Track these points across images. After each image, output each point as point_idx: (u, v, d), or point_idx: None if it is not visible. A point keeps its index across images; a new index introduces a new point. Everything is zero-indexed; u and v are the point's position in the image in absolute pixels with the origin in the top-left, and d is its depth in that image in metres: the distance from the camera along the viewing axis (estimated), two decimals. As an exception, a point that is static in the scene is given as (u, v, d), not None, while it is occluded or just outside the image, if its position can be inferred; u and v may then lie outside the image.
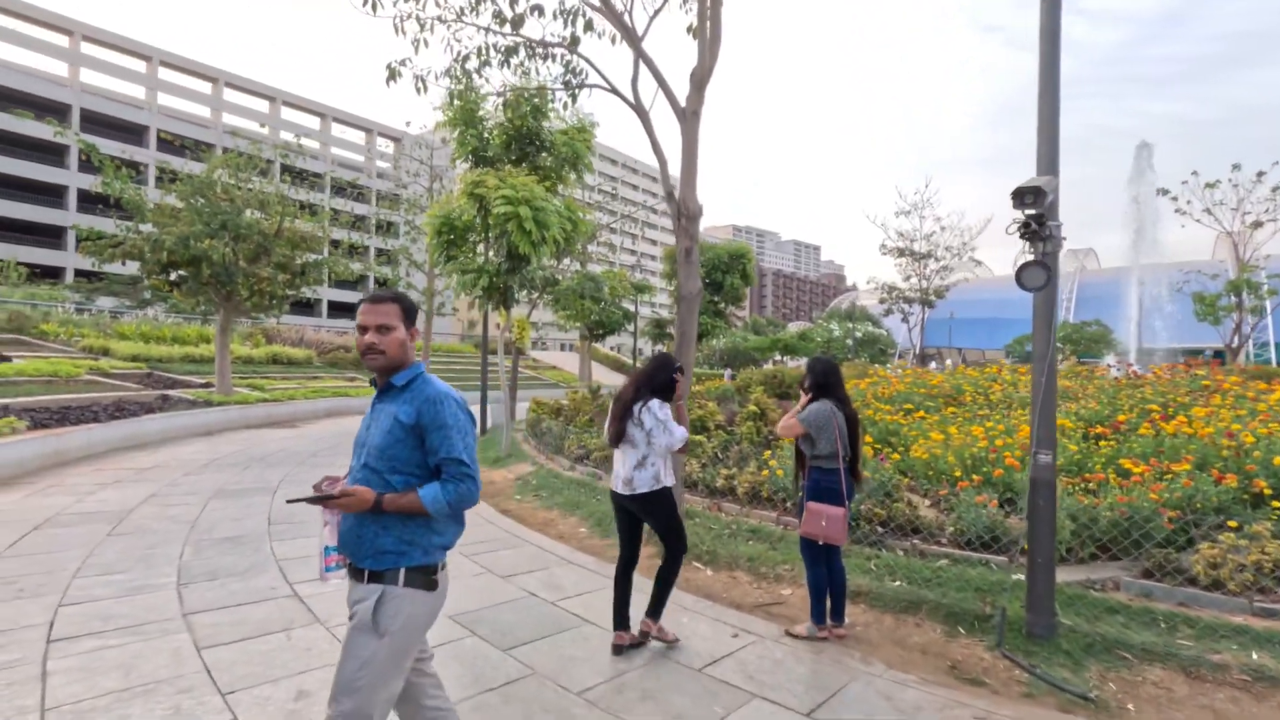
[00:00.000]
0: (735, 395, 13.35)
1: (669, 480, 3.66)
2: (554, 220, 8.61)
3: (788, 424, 3.82)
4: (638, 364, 27.54)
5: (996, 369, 11.31)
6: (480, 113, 9.61)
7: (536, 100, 9.72)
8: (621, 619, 3.62)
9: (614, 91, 5.67)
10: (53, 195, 50.32)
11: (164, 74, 57.98)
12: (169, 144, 45.80)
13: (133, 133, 52.81)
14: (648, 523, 3.67)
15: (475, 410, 13.51)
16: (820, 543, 3.71)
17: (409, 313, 2.01)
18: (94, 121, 49.86)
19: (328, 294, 70.44)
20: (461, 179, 9.26)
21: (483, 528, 6.17)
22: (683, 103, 5.44)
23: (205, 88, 60.39)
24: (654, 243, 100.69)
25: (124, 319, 23.06)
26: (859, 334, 37.47)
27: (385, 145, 77.47)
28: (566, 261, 15.33)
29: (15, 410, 10.05)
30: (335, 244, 18.40)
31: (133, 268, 14.67)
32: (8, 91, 45.85)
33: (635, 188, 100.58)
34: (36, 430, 8.93)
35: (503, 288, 9.32)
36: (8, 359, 14.16)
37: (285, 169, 16.82)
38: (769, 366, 39.93)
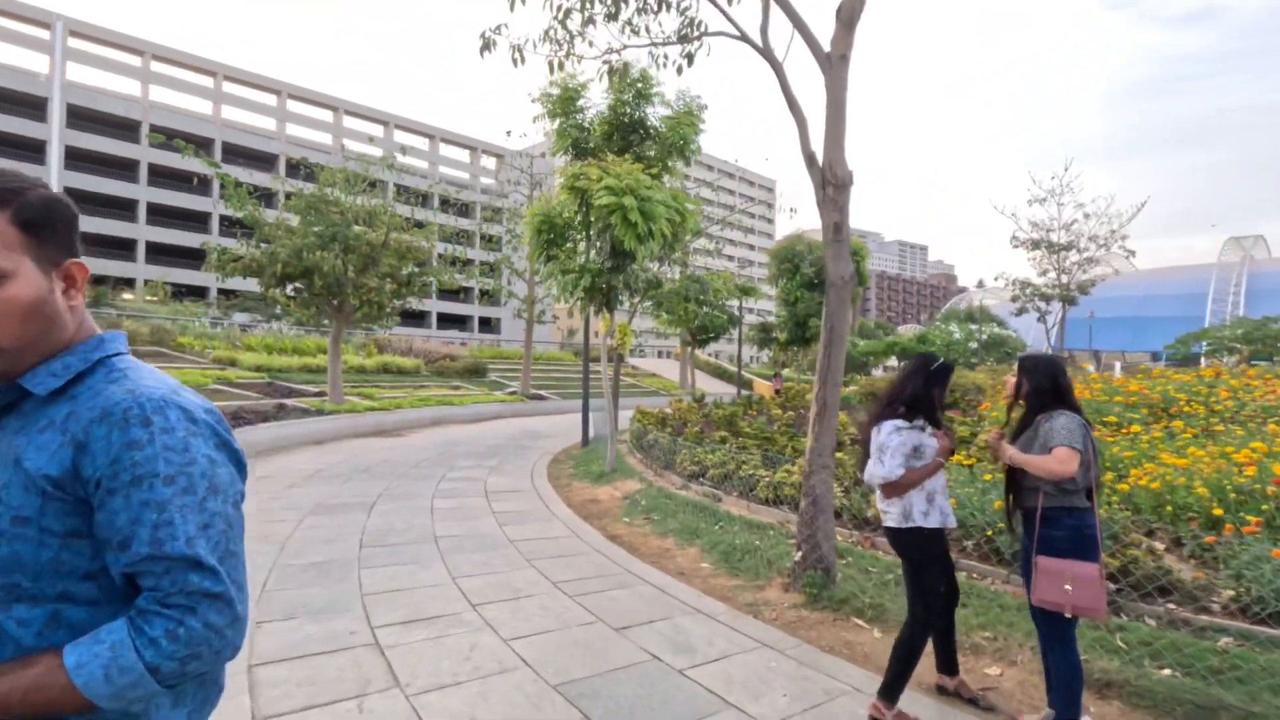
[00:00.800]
0: (861, 404, 12.06)
1: (927, 519, 2.76)
2: (660, 211, 7.78)
3: (1061, 458, 2.58)
4: (741, 371, 26.43)
5: (1209, 372, 9.38)
6: (580, 100, 8.95)
7: (640, 84, 8.96)
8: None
9: (743, 38, 4.74)
10: (198, 221, 55.42)
11: (291, 105, 62.92)
12: (295, 169, 49.34)
13: (265, 161, 57.40)
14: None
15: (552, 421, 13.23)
16: (1068, 614, 2.60)
17: (40, 228, 0.91)
18: (233, 153, 54.59)
19: (436, 305, 73.67)
20: (561, 172, 8.62)
21: (590, 558, 5.37)
22: (826, 46, 4.43)
23: (327, 115, 64.99)
24: (752, 247, 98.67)
25: (254, 332, 24.51)
26: (984, 336, 34.38)
27: (488, 162, 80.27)
28: (665, 267, 14.57)
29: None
30: (440, 256, 18.53)
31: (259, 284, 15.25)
32: (162, 129, 51.01)
33: (732, 193, 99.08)
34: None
35: (605, 289, 8.58)
36: (146, 370, 15.00)
37: (397, 188, 17.26)
38: (879, 374, 37.50)
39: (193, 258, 54.62)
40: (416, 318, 71.68)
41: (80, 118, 54.30)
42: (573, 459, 10.95)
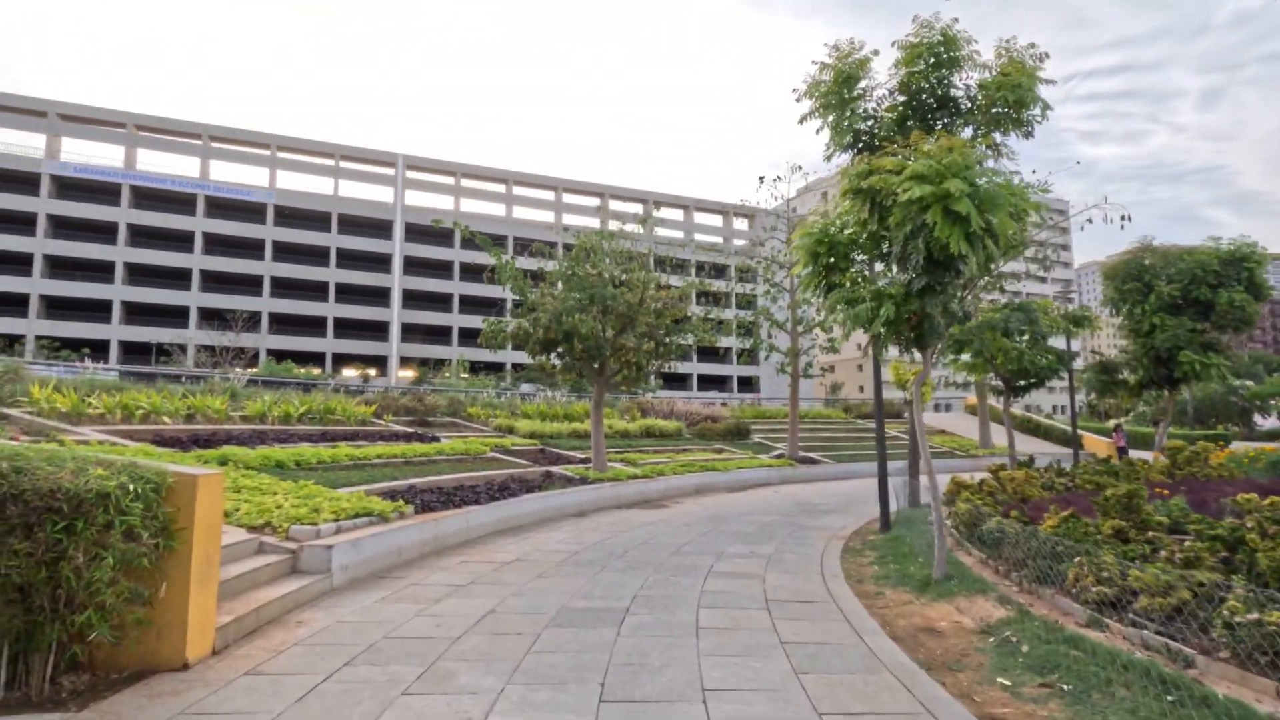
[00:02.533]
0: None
1: None
2: (1005, 197, 5.32)
3: None
4: (1075, 427, 20.83)
5: None
6: (861, 83, 6.92)
7: (942, 48, 6.67)
8: None
9: None
10: (490, 306, 63.67)
11: (517, 190, 72.96)
12: (521, 249, 54.49)
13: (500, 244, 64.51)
14: None
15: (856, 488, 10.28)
16: None
17: None
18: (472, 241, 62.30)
19: (696, 367, 74.98)
20: (842, 174, 6.62)
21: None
22: None
23: (549, 195, 73.94)
24: (1067, 265, 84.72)
25: (533, 400, 26.08)
26: None
27: (740, 224, 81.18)
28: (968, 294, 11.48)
29: (420, 489, 10.41)
30: (697, 314, 17.49)
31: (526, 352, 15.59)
32: (414, 226, 60.48)
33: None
34: (422, 515, 8.77)
35: (915, 318, 6.22)
36: (437, 439, 16.01)
37: (657, 261, 16.97)
38: (1271, 421, 27.88)
39: (452, 336, 63.34)
40: (678, 380, 73.66)
41: (412, 232, 66.68)
42: (873, 548, 8.43)
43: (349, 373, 62.14)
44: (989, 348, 12.27)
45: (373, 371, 63.98)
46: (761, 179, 20.94)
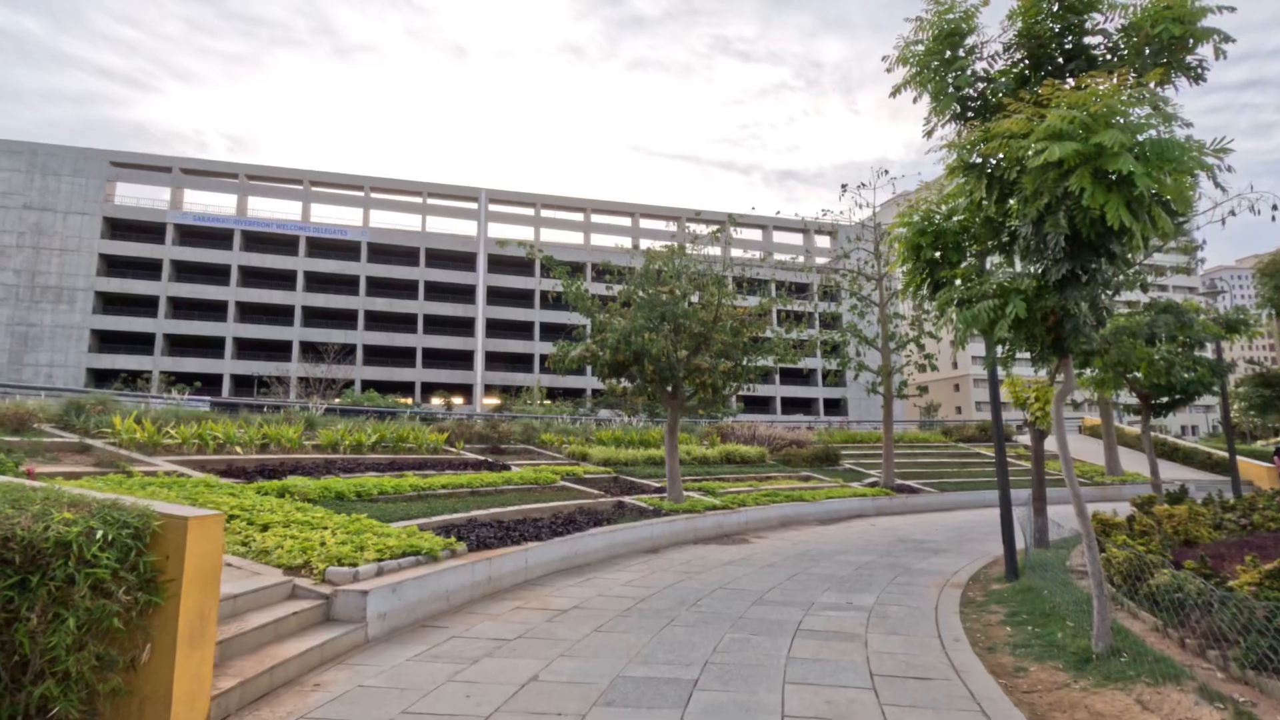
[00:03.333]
0: None
1: None
2: (1182, 152, 4.04)
3: None
4: (1233, 452, 18.08)
5: None
6: (969, 39, 5.77)
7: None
8: None
9: None
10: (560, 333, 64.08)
11: (595, 218, 73.72)
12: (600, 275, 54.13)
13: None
14: None
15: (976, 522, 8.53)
16: None
17: None
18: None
19: (779, 390, 72.64)
20: (951, 146, 5.48)
21: None
22: None
23: (626, 221, 74.01)
24: (1166, 287, 77.34)
25: (610, 426, 25.38)
26: None
27: (822, 241, 78.84)
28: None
29: (480, 522, 9.75)
30: (776, 332, 16.27)
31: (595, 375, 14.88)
32: (496, 258, 61.44)
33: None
34: (476, 553, 8.03)
35: (1055, 315, 4.95)
36: (507, 467, 15.47)
37: (735, 281, 16.02)
38: None
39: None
40: (759, 404, 71.53)
41: (495, 263, 68.42)
42: (1000, 601, 6.97)
43: (437, 401, 63.98)
44: (1129, 358, 10.43)
45: (459, 400, 65.62)
46: (844, 186, 19.60)
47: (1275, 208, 6.93)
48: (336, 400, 25.07)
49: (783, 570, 9.10)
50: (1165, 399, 12.23)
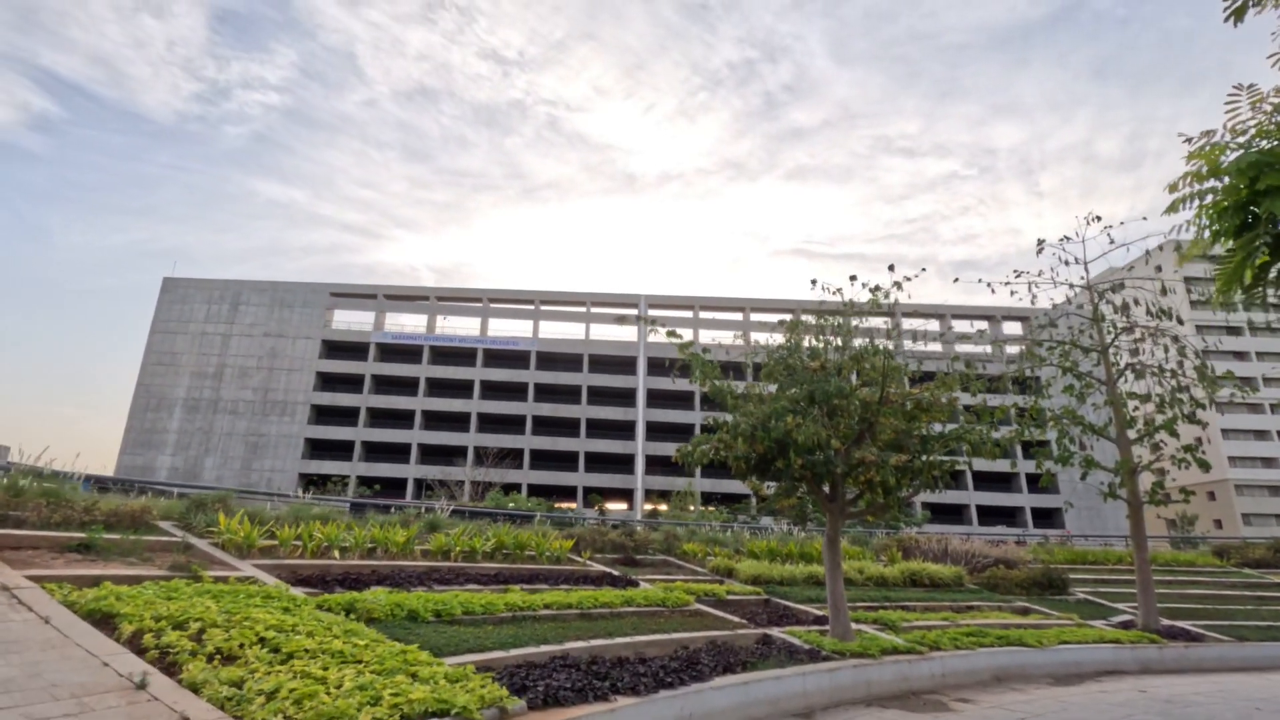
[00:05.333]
0: None
1: None
2: None
3: None
4: None
5: None
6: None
7: None
8: None
9: None
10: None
11: (755, 316, 70.99)
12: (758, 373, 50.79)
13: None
14: None
15: None
16: None
17: None
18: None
19: (974, 497, 63.28)
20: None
21: None
22: None
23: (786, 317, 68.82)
24: None
25: (769, 535, 22.17)
26: None
27: (1010, 329, 70.56)
28: None
29: (572, 661, 7.52)
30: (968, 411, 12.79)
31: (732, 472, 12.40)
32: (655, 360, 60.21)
33: None
34: (540, 712, 5.79)
35: None
36: (634, 584, 13.17)
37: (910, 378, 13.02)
38: None
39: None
40: (950, 513, 62.49)
41: (654, 366, 68.66)
42: None
43: (609, 506, 63.40)
44: None
45: (622, 505, 64.53)
46: (1041, 242, 16.03)
47: None
48: (479, 503, 24.54)
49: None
50: None
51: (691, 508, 34.18)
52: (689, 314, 71.90)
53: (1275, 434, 70.56)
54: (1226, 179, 3.07)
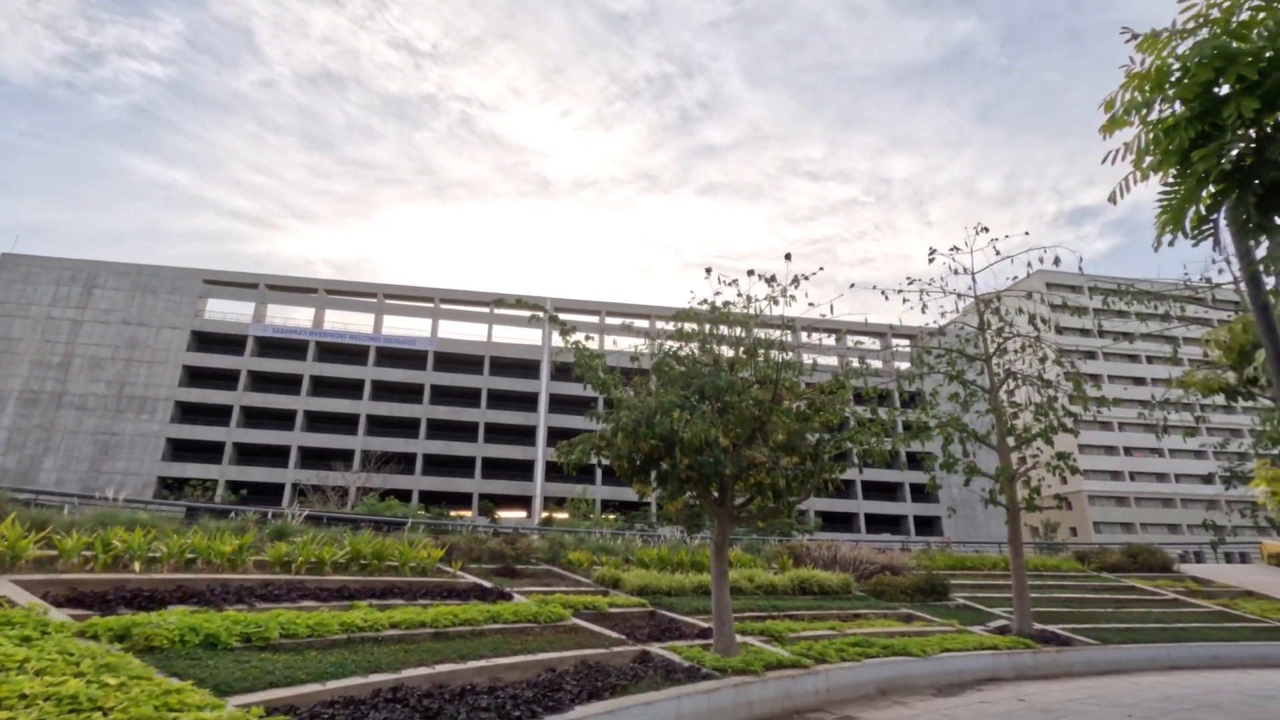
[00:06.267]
0: None
1: None
2: None
3: None
4: None
5: None
6: None
7: None
8: None
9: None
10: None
11: (662, 324, 69.93)
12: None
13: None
14: None
15: None
16: None
17: None
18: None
19: (863, 506, 65.76)
20: None
21: None
22: None
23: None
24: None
25: (660, 542, 21.39)
26: None
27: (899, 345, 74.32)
28: None
29: (401, 695, 6.29)
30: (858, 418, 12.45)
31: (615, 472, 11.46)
32: (560, 365, 59.37)
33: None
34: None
35: None
36: (508, 596, 11.95)
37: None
38: None
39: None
40: (841, 521, 64.63)
41: (559, 371, 67.22)
42: None
43: (502, 514, 61.02)
44: None
45: (521, 513, 62.45)
46: (933, 251, 16.21)
47: None
48: (349, 509, 22.38)
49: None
50: None
51: (591, 515, 33.07)
52: (595, 319, 70.96)
53: (1122, 450, 78.02)
54: (1180, 74, 2.45)
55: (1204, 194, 2.57)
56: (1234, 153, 2.43)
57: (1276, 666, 13.52)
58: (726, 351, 11.05)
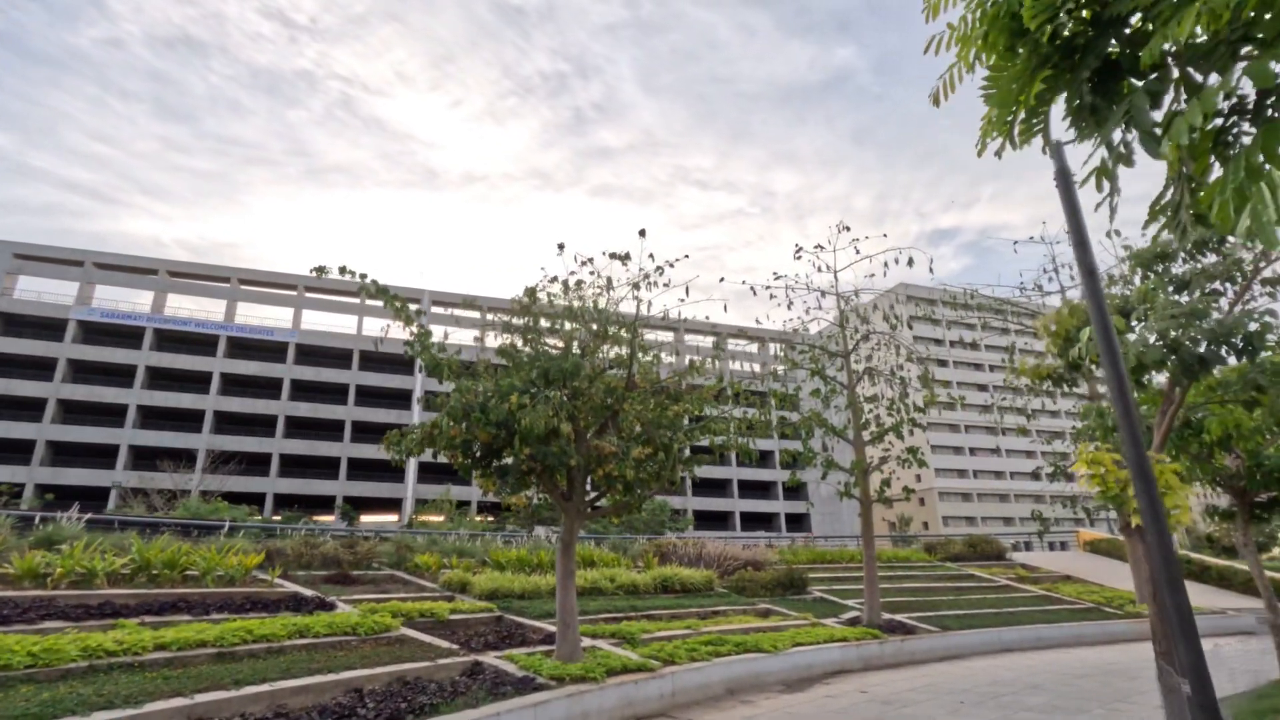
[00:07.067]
0: None
1: None
2: None
3: None
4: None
5: None
6: None
7: None
8: None
9: None
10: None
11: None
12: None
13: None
14: None
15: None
16: None
17: None
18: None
19: (739, 504, 67.52)
20: None
21: None
22: None
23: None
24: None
25: (523, 543, 20.35)
26: None
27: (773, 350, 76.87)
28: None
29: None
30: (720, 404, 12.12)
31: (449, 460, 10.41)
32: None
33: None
34: None
35: None
36: (330, 606, 10.56)
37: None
38: None
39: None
40: (717, 520, 66.06)
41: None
42: None
43: (367, 518, 57.09)
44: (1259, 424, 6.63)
45: (394, 516, 58.82)
46: (799, 248, 16.39)
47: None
48: (171, 513, 19.67)
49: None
50: (1273, 494, 8.36)
51: (456, 517, 31.32)
52: (476, 314, 68.29)
53: (968, 450, 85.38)
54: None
55: (1034, 83, 2.17)
56: (1065, 32, 2.03)
57: (1089, 645, 14.63)
58: (581, 336, 10.33)
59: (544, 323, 9.94)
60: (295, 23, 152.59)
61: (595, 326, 9.88)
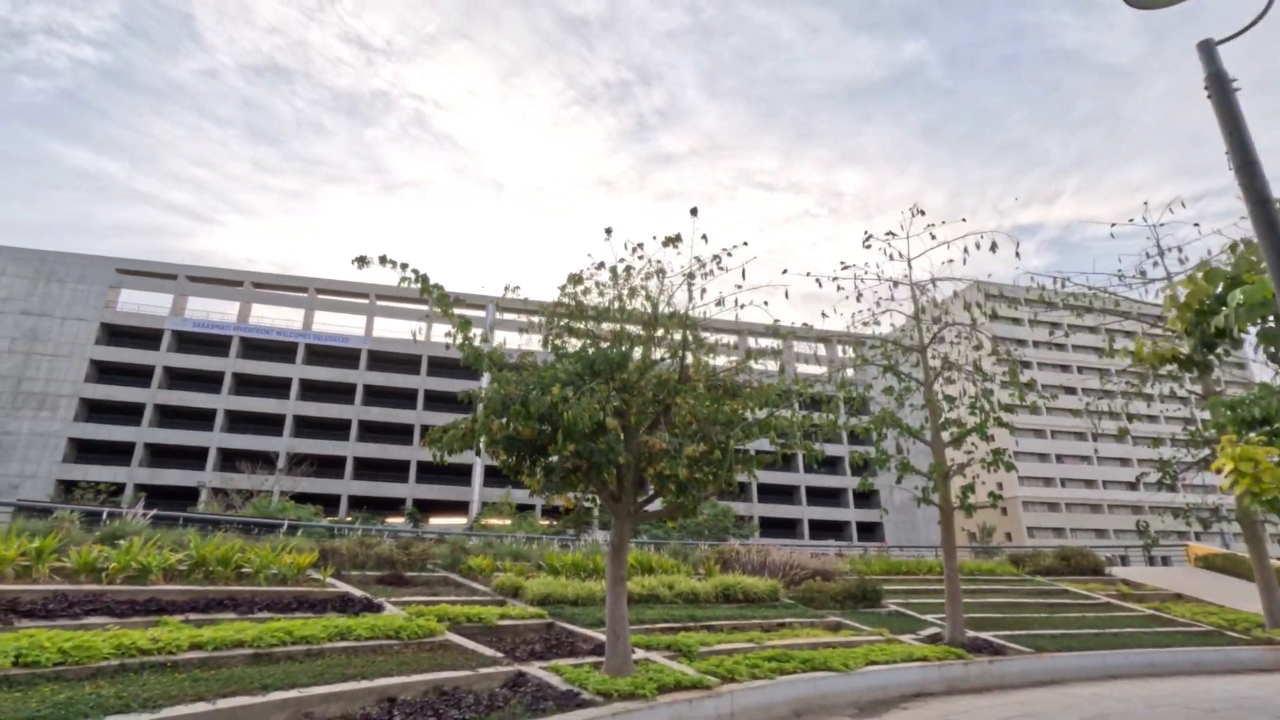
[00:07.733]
0: None
1: None
2: None
3: None
4: None
5: None
6: None
7: None
8: None
9: None
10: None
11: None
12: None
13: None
14: None
15: None
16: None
17: None
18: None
19: (807, 511, 65.41)
20: None
21: None
22: None
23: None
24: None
25: (576, 547, 19.91)
26: None
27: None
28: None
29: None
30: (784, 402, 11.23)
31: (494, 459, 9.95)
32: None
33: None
34: None
35: None
36: (378, 608, 10.29)
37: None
38: None
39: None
40: (785, 527, 64.18)
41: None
42: None
43: (435, 520, 58.39)
44: None
45: (461, 519, 59.93)
46: (869, 235, 15.26)
47: None
48: (241, 511, 20.22)
49: None
50: None
51: (529, 521, 31.29)
52: (539, 319, 68.92)
53: (1054, 457, 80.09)
54: None
55: None
56: None
57: (1211, 674, 12.89)
58: (631, 327, 9.70)
59: (590, 310, 9.33)
60: (372, 45, 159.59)
61: (647, 314, 9.21)
